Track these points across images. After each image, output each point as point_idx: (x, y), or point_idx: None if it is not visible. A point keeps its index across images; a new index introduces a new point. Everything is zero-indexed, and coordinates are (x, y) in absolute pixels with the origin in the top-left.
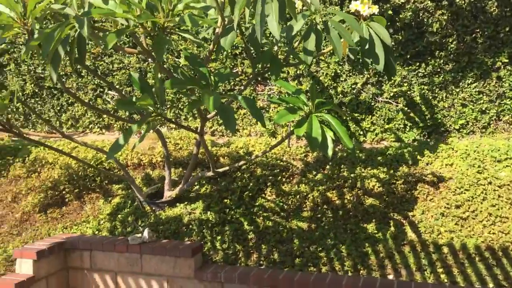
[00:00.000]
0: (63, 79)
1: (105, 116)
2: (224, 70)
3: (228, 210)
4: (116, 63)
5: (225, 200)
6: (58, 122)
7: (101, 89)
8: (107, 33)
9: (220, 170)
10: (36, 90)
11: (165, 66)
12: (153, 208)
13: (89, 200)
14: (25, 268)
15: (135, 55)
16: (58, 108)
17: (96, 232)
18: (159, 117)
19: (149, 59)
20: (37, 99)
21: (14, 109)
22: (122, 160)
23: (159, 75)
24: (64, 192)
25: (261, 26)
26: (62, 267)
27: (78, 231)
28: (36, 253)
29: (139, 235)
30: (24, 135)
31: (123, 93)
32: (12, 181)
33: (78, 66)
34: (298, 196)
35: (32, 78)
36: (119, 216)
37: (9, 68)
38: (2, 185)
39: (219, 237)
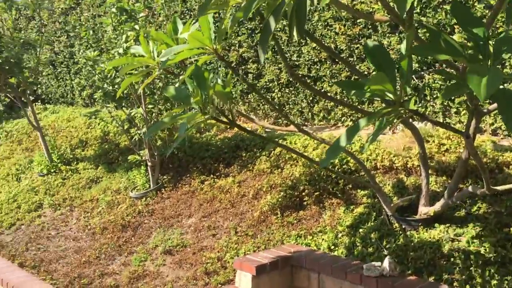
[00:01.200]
0: (317, 66)
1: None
2: None
3: (511, 244)
4: None
5: (507, 229)
6: (310, 113)
7: (355, 77)
8: None
9: (499, 188)
10: (291, 79)
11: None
12: (403, 226)
13: (328, 206)
14: (244, 282)
15: (396, 34)
16: (311, 98)
17: (332, 247)
18: (400, 108)
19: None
20: (291, 88)
21: (270, 100)
22: (370, 162)
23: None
24: (303, 194)
25: None
26: (288, 286)
27: (312, 243)
28: (255, 268)
29: (378, 263)
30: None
31: None
32: (256, 176)
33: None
34: None
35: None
36: (360, 230)
37: (266, 57)
38: (248, 179)
39: (494, 282)
